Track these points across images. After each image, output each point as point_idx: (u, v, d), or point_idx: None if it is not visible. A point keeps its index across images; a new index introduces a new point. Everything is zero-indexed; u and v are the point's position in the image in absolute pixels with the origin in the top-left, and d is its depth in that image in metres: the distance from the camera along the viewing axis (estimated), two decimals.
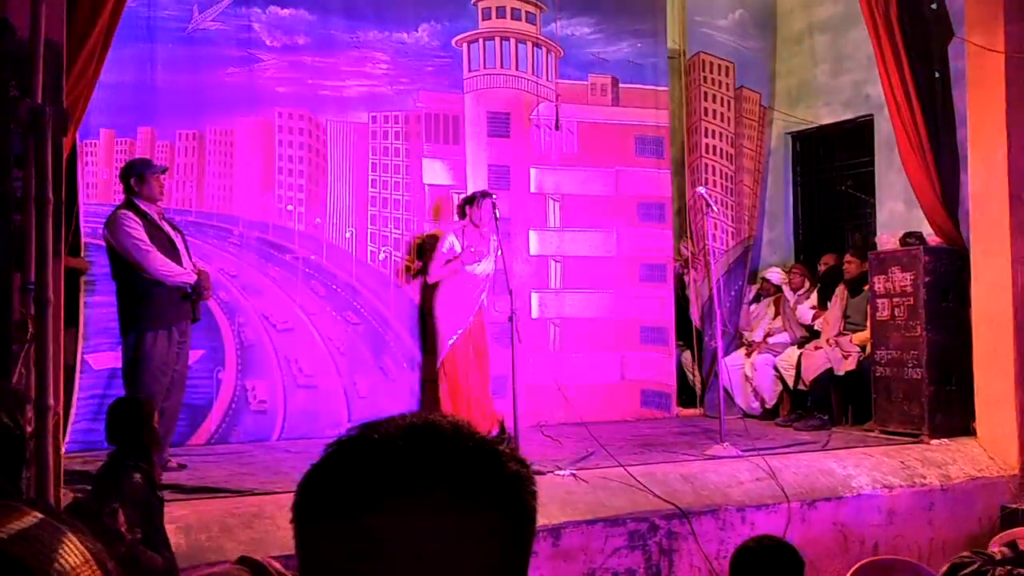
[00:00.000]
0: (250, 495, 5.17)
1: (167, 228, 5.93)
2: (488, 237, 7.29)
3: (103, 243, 6.09)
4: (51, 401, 4.14)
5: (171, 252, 5.81)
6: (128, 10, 5.44)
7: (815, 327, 8.17)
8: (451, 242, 7.27)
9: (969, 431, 6.86)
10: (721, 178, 8.94)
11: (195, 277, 5.82)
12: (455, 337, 7.23)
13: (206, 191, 7.32)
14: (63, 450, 4.91)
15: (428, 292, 7.53)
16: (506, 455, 0.98)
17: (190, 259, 6.01)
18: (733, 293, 8.81)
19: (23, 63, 4.28)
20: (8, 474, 1.66)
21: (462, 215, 7.40)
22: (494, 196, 7.13)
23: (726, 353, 8.31)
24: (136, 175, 5.86)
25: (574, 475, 5.58)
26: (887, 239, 7.71)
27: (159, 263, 5.68)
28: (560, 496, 5.27)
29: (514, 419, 6.25)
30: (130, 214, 5.77)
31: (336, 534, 0.92)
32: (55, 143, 4.34)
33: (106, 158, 6.96)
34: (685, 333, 8.96)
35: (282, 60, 7.49)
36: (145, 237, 5.69)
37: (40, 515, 0.98)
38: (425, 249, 7.74)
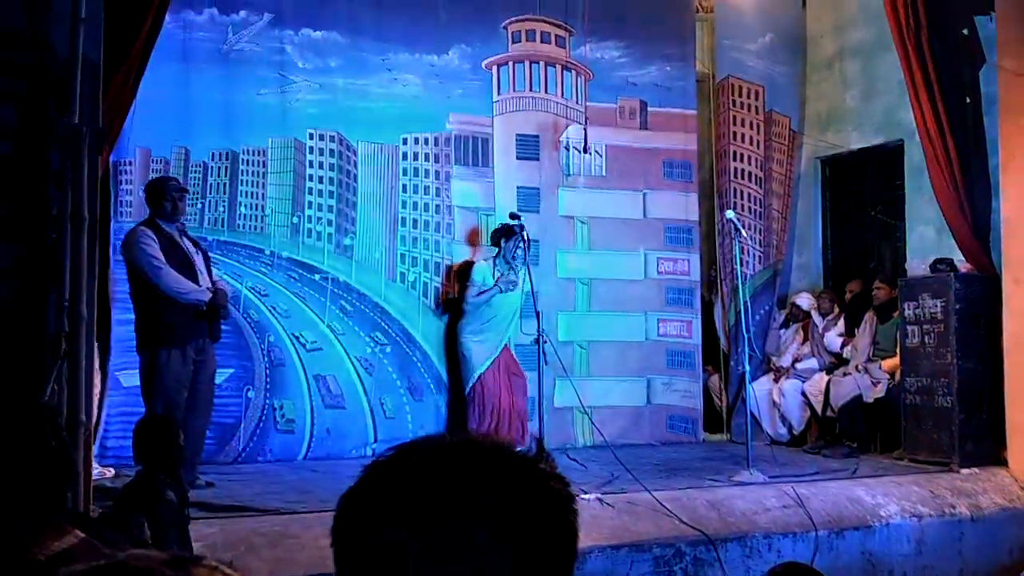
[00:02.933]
0: (276, 514, 5.19)
1: (187, 246, 5.95)
2: (516, 268, 7.39)
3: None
4: (83, 417, 4.18)
5: (187, 270, 5.82)
6: (164, 31, 5.52)
7: (843, 354, 8.11)
8: (483, 273, 7.40)
9: (1000, 461, 6.76)
10: (750, 202, 8.92)
11: (209, 295, 5.82)
12: (484, 366, 7.32)
13: (237, 210, 7.39)
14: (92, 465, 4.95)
15: (457, 319, 7.57)
16: (547, 474, 0.97)
17: (209, 278, 6.01)
18: (759, 317, 8.77)
19: (61, 82, 4.35)
20: (52, 494, 1.67)
21: (495, 243, 7.49)
22: (524, 228, 7.26)
23: (753, 378, 8.26)
24: (156, 193, 5.92)
25: (600, 499, 5.56)
26: (917, 265, 7.66)
27: (171, 280, 5.70)
28: (585, 520, 5.15)
29: (540, 441, 6.25)
30: (147, 231, 5.81)
31: (376, 554, 0.91)
32: (91, 161, 4.40)
33: (142, 177, 7.04)
34: (712, 357, 8.92)
35: (314, 81, 7.58)
36: (159, 254, 5.71)
37: (81, 534, 0.99)
38: (458, 277, 7.80)
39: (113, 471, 6.12)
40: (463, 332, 7.43)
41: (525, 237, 7.14)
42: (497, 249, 7.48)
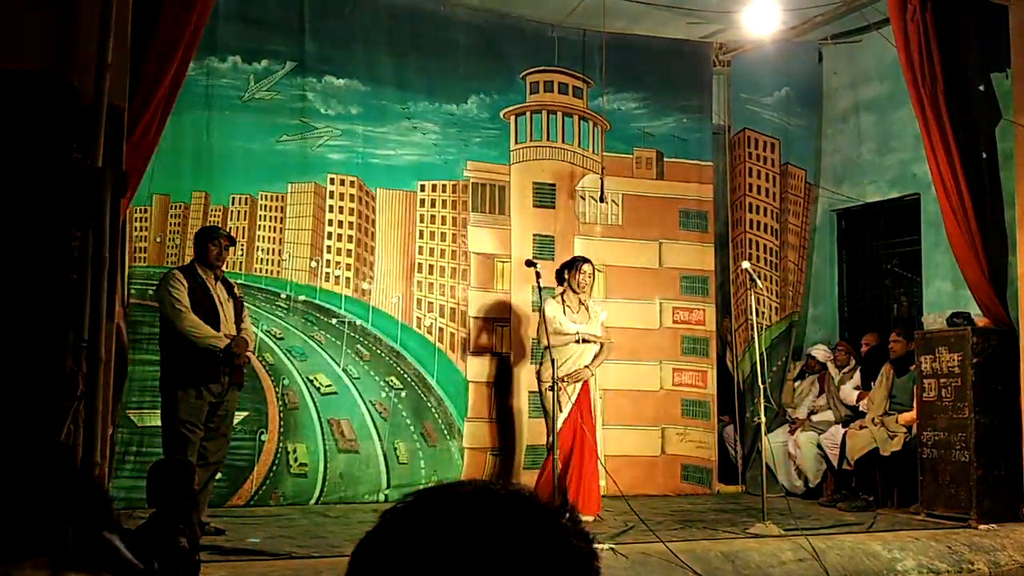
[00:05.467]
0: (287, 559, 5.17)
1: (219, 293, 6.05)
2: (587, 303, 7.07)
3: (149, 303, 6.27)
4: (98, 458, 4.19)
5: (211, 316, 5.91)
6: (187, 79, 5.61)
7: (860, 407, 8.06)
8: (554, 309, 6.95)
9: (1019, 517, 6.69)
10: (766, 253, 8.93)
11: (225, 341, 5.88)
12: (568, 409, 6.82)
13: (255, 254, 7.45)
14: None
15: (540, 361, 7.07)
16: (569, 529, 0.93)
17: (237, 327, 6.07)
18: (775, 369, 8.74)
19: (86, 126, 4.42)
20: (54, 535, 1.68)
21: (560, 281, 7.12)
22: (540, 275, 6.87)
23: (769, 430, 8.20)
24: (204, 236, 6.12)
25: (613, 550, 5.51)
26: (934, 319, 7.63)
27: (188, 323, 5.82)
28: None
29: (554, 491, 6.21)
30: (178, 274, 5.99)
31: None
32: (113, 205, 4.45)
33: (160, 222, 7.13)
34: (728, 407, 8.88)
35: (335, 128, 7.67)
36: (184, 298, 5.84)
37: None
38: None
39: None
40: (540, 380, 6.92)
41: (539, 284, 6.98)
42: (562, 288, 7.06)
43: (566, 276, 7.08)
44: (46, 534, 1.73)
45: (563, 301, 7.02)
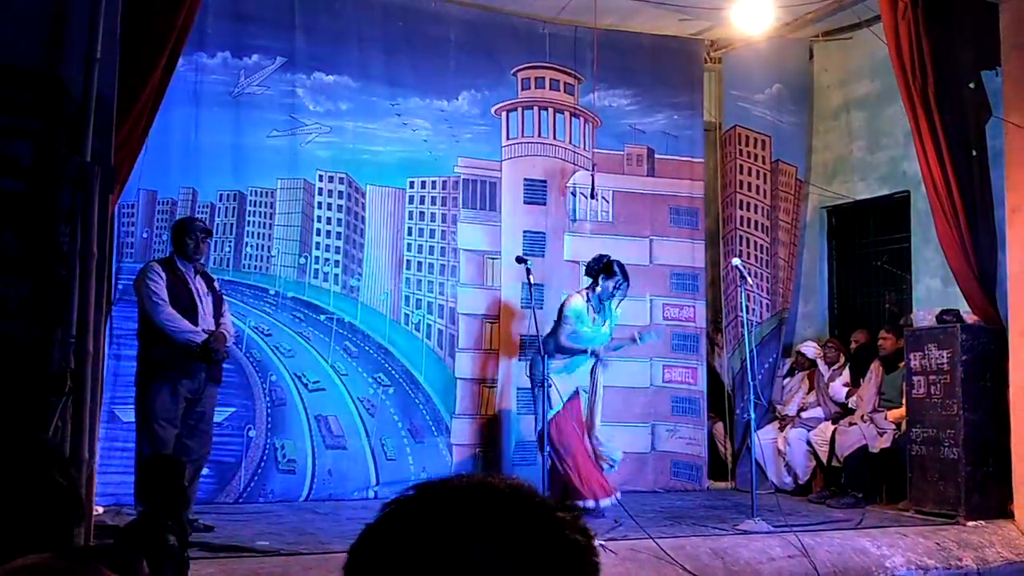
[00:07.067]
0: (276, 555, 5.16)
1: (198, 287, 5.97)
2: (606, 305, 7.02)
3: (126, 298, 6.24)
4: (86, 455, 4.17)
5: (189, 310, 5.84)
6: (176, 74, 5.59)
7: (849, 404, 8.08)
8: (577, 311, 6.90)
9: (1006, 514, 6.71)
10: (756, 250, 8.94)
11: (203, 336, 5.82)
12: (561, 404, 6.82)
13: (243, 250, 7.42)
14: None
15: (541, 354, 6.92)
16: (568, 523, 0.94)
17: (216, 321, 6.01)
18: (766, 366, 8.75)
19: (74, 121, 4.40)
20: (62, 532, 1.68)
21: (591, 276, 7.01)
22: (531, 271, 6.95)
23: (759, 426, 8.21)
24: (181, 230, 6.01)
25: (602, 546, 5.51)
26: (923, 316, 7.65)
27: (165, 317, 5.74)
28: None
29: (543, 487, 6.21)
30: (156, 267, 5.90)
31: None
32: (101, 200, 4.43)
33: (146, 218, 7.09)
34: (716, 404, 8.88)
35: (324, 124, 7.64)
36: (162, 291, 5.76)
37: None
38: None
39: (102, 508, 6.04)
40: (548, 367, 6.76)
41: (529, 280, 6.98)
42: (591, 280, 7.01)
43: (600, 280, 6.94)
44: (54, 533, 1.72)
45: (587, 299, 6.96)
